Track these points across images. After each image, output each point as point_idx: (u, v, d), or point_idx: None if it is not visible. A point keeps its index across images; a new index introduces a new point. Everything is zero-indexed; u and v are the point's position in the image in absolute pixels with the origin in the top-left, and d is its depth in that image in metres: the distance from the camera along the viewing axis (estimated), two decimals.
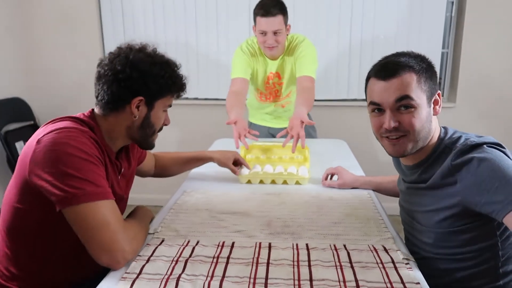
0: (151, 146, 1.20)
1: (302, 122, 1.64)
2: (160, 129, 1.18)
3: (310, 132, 2.33)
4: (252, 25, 2.01)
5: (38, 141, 0.95)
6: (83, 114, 1.10)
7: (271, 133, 2.35)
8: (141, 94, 1.07)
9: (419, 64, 1.00)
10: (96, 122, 1.09)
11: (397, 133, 1.00)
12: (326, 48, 2.93)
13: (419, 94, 0.99)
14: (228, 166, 1.58)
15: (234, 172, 1.57)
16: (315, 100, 2.11)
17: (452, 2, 2.91)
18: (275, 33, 1.90)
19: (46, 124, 1.04)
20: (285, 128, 2.22)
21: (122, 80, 1.05)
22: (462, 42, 2.87)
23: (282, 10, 1.91)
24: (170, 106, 1.18)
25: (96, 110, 1.11)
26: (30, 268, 1.04)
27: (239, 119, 1.72)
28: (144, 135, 1.14)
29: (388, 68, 1.00)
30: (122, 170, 1.18)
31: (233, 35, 2.96)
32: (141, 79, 1.06)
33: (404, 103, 0.98)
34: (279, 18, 1.88)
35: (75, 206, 0.91)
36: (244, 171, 1.58)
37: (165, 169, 1.56)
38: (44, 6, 3.05)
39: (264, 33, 1.92)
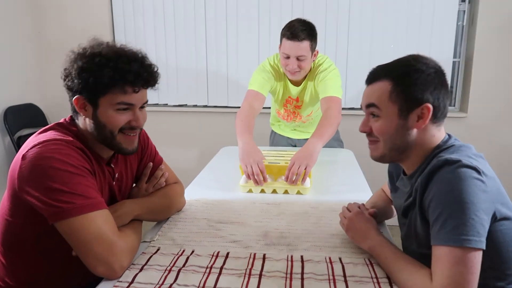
0: (124, 151, 1.06)
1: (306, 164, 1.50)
2: (133, 128, 1.04)
3: (335, 145, 2.22)
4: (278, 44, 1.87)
5: (23, 157, 0.92)
6: (65, 120, 1.06)
7: (290, 144, 2.32)
8: (79, 92, 0.98)
9: (402, 74, 0.96)
10: (78, 129, 1.04)
11: (370, 137, 1.05)
12: (335, 57, 2.92)
13: (387, 104, 0.97)
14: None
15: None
16: None
17: (464, 11, 2.88)
18: (298, 58, 1.78)
19: (32, 136, 1.00)
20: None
21: (65, 80, 0.99)
22: (474, 51, 2.83)
23: (310, 36, 1.75)
24: (130, 104, 1.00)
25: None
26: (26, 279, 1.04)
27: (255, 151, 1.57)
28: (105, 138, 1.02)
29: (370, 73, 1.04)
30: (116, 175, 1.13)
31: (243, 47, 3.00)
32: (76, 76, 0.96)
33: (371, 111, 1.02)
34: (305, 44, 1.74)
35: (67, 220, 0.89)
36: (244, 180, 1.58)
37: None
38: (58, 15, 3.13)
39: (287, 57, 1.79)
